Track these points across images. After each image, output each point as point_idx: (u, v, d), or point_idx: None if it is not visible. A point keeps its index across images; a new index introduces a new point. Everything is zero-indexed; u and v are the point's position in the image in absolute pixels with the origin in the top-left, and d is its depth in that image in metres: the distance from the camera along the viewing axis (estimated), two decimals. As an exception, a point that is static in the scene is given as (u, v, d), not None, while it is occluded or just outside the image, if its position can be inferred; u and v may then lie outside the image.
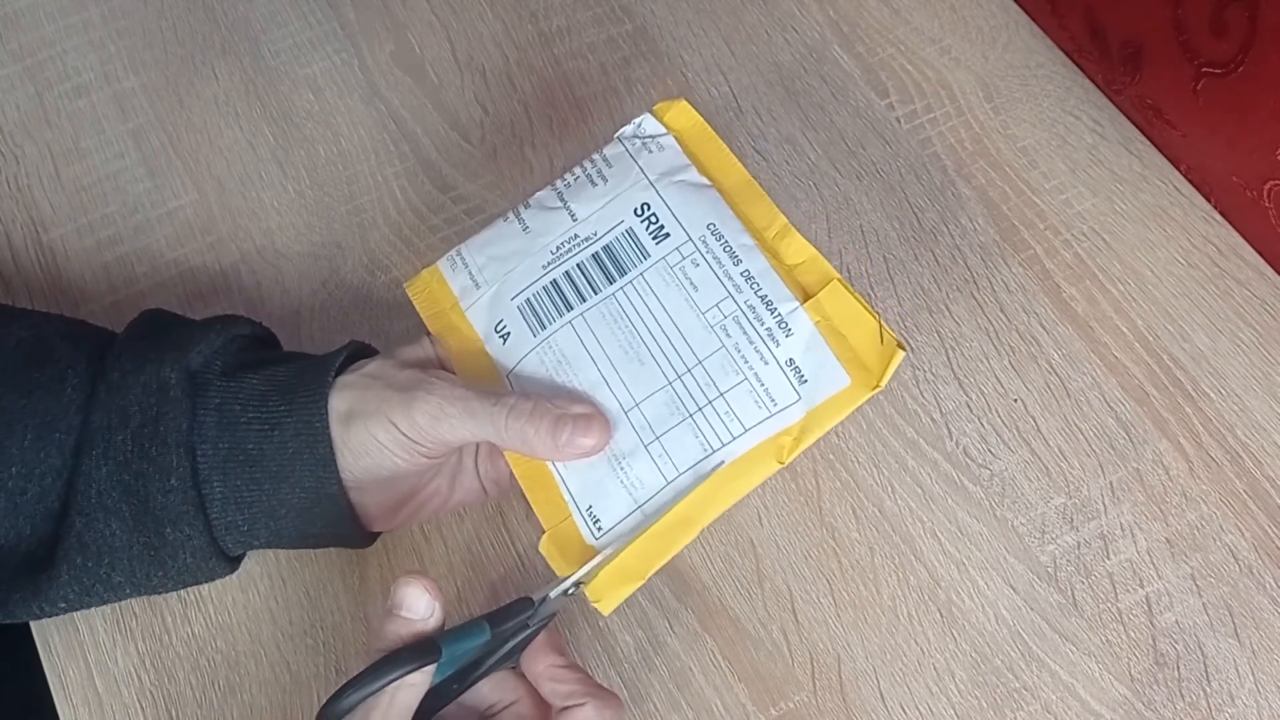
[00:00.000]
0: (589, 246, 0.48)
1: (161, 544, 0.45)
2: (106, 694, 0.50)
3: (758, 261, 0.46)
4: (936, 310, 0.57)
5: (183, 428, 0.45)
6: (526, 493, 0.45)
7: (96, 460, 0.45)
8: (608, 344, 0.46)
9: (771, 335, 0.44)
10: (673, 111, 0.50)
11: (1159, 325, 0.57)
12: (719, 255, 0.46)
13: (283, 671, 0.50)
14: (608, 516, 0.44)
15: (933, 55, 0.65)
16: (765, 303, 0.45)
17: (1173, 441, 0.54)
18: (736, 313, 0.45)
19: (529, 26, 0.67)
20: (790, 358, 0.44)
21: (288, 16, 0.68)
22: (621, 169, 0.49)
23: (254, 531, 0.46)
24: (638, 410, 0.45)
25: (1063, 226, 0.60)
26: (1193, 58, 0.55)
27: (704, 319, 0.45)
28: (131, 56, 0.67)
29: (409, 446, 0.44)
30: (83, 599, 0.46)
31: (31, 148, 0.64)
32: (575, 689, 0.42)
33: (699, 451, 0.44)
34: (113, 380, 0.46)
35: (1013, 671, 0.49)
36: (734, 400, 0.44)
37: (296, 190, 0.62)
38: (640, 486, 0.44)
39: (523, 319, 0.47)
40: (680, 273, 0.46)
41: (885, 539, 0.52)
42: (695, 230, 0.47)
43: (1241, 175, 0.57)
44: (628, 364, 0.45)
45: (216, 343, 0.47)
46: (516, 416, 0.43)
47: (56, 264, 0.60)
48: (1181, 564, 0.51)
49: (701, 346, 0.45)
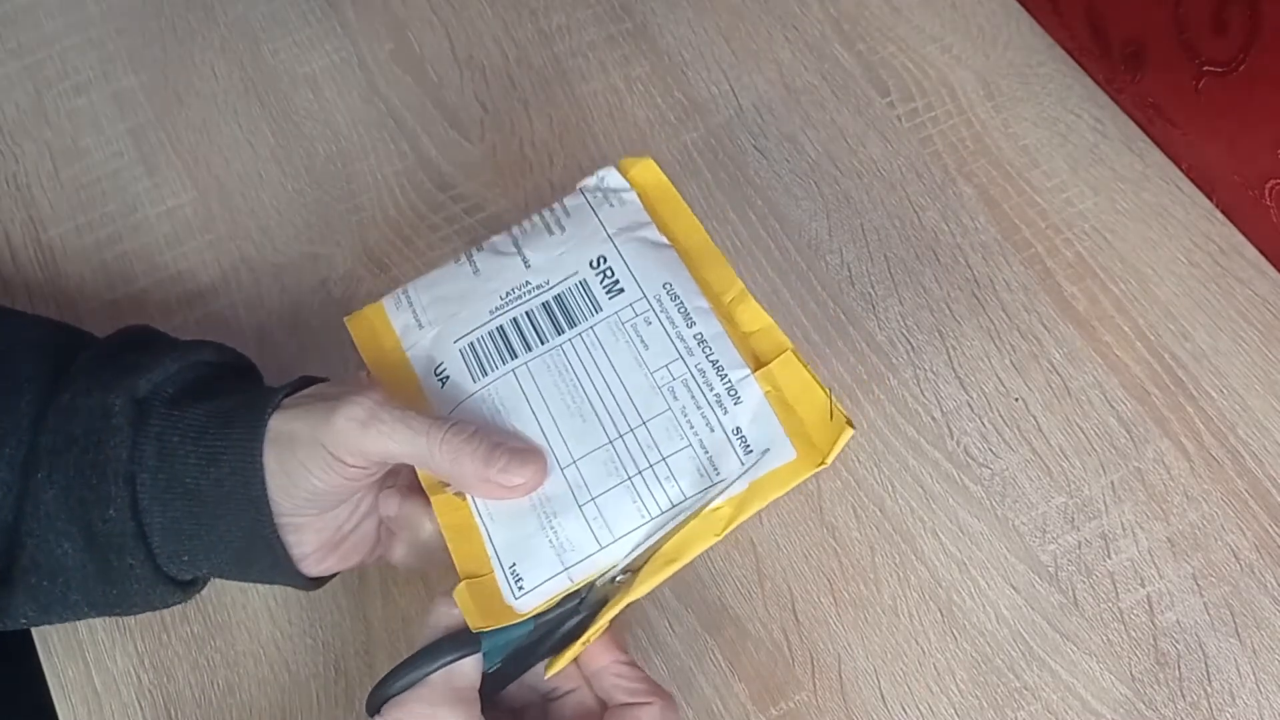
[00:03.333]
0: (540, 295, 0.46)
1: (109, 569, 0.44)
2: (105, 693, 0.50)
3: (712, 325, 0.44)
4: (937, 309, 0.57)
5: (123, 456, 0.43)
6: (449, 542, 0.43)
7: (43, 482, 0.44)
8: (550, 396, 0.44)
9: (720, 402, 0.43)
10: (638, 168, 0.49)
11: (1160, 324, 0.57)
12: (673, 315, 0.44)
13: (281, 671, 0.50)
14: (531, 577, 0.41)
15: (934, 53, 0.65)
16: (716, 368, 0.43)
17: (1174, 440, 0.54)
18: (686, 376, 0.43)
19: (529, 24, 0.67)
20: (737, 426, 0.42)
21: (287, 15, 0.68)
22: (580, 219, 0.48)
23: (196, 563, 0.45)
24: (575, 468, 0.43)
25: (1064, 225, 0.59)
26: (1194, 56, 0.55)
27: (652, 379, 0.43)
28: (131, 55, 0.67)
29: (329, 462, 0.42)
30: (43, 616, 0.46)
31: (30, 146, 0.64)
32: (639, 687, 0.42)
33: (635, 518, 0.42)
34: (62, 402, 0.45)
35: (1013, 671, 0.49)
36: (676, 466, 0.42)
37: (296, 189, 0.62)
38: (570, 549, 0.41)
39: (464, 363, 0.45)
40: (632, 330, 0.44)
41: (886, 538, 0.52)
42: (650, 288, 0.45)
43: (1243, 174, 0.57)
44: (569, 418, 0.43)
45: (171, 369, 0.46)
46: (455, 433, 0.41)
47: (55, 262, 0.60)
48: (1183, 563, 0.51)
49: (647, 407, 0.43)
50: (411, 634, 0.51)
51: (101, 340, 0.49)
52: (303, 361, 0.57)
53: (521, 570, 0.42)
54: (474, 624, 0.41)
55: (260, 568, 0.45)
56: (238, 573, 0.46)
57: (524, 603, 0.41)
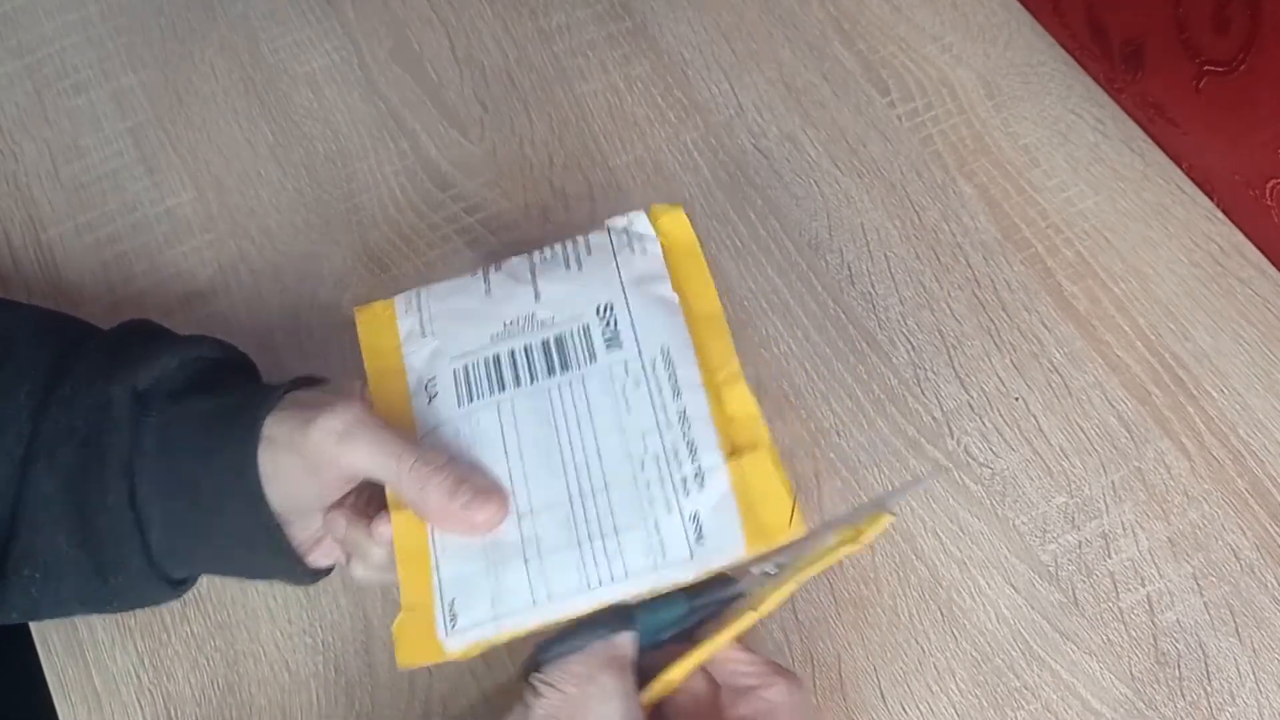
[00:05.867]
0: (542, 331, 0.46)
1: (104, 563, 0.44)
2: (105, 692, 0.50)
3: (697, 403, 0.44)
4: (938, 309, 0.57)
5: (123, 449, 0.44)
6: (399, 565, 0.43)
7: (43, 473, 0.44)
8: (526, 439, 0.44)
9: (685, 485, 0.42)
10: (668, 217, 0.49)
11: (1161, 324, 0.57)
12: (662, 384, 0.44)
13: (281, 670, 0.50)
14: (465, 617, 0.41)
15: (934, 53, 0.65)
16: (690, 448, 0.43)
17: (1174, 440, 0.54)
18: (659, 452, 0.43)
19: (528, 23, 0.67)
20: (695, 512, 0.42)
21: (287, 14, 0.68)
22: (599, 260, 0.48)
23: (194, 558, 0.46)
24: (531, 519, 0.42)
25: (1064, 225, 0.59)
26: (1195, 55, 0.55)
27: (627, 446, 0.43)
28: (130, 54, 0.66)
29: (306, 470, 0.43)
30: (32, 611, 0.46)
31: (30, 145, 0.64)
32: (763, 669, 0.43)
33: (576, 584, 0.42)
34: (64, 394, 0.45)
35: (1013, 671, 0.49)
36: (626, 541, 0.42)
37: (295, 188, 0.62)
38: (505, 599, 0.41)
39: (454, 384, 0.45)
40: (620, 389, 0.44)
41: (886, 538, 0.52)
42: (648, 350, 0.45)
43: (1243, 173, 0.57)
44: (538, 467, 0.43)
45: (171, 364, 0.46)
46: (425, 463, 0.41)
47: (55, 262, 0.60)
48: (1183, 563, 0.51)
49: (614, 474, 0.43)
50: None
51: (103, 332, 0.49)
52: (301, 361, 0.57)
53: (459, 607, 0.42)
54: (401, 662, 0.41)
55: (260, 557, 0.45)
56: (237, 564, 0.46)
57: (452, 642, 0.41)
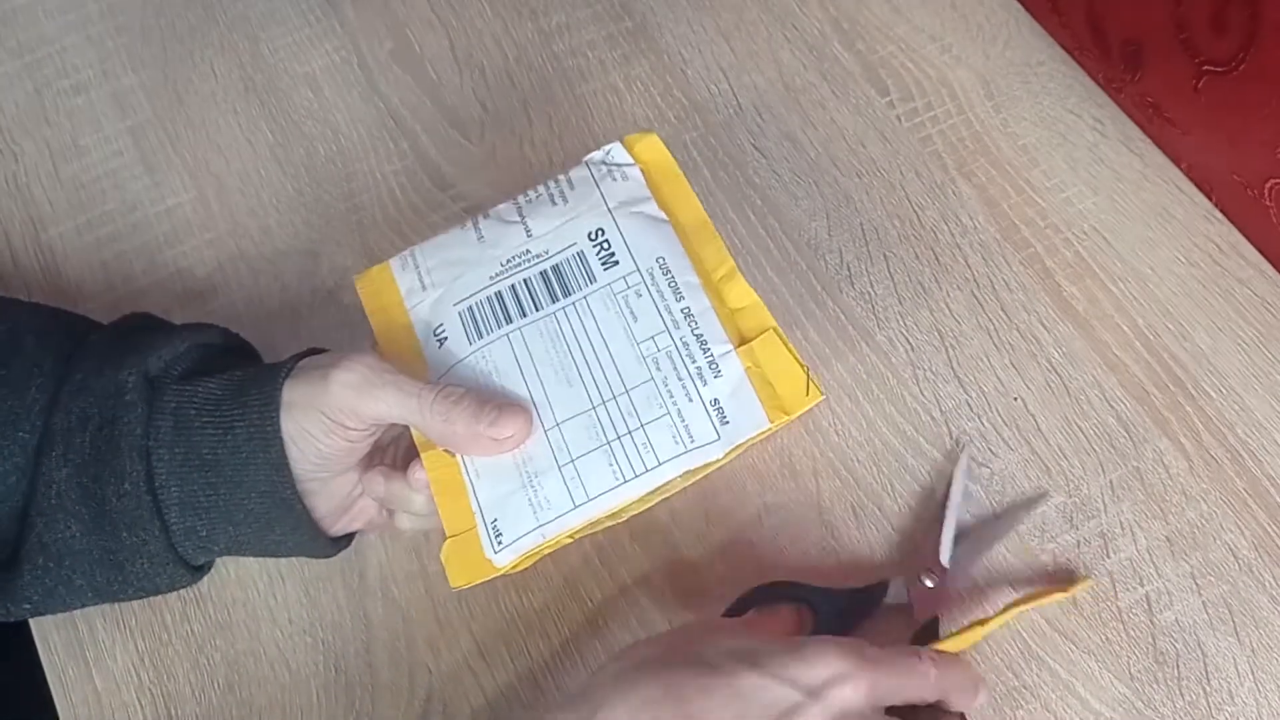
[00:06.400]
0: (539, 263, 0.48)
1: (119, 548, 0.45)
2: (106, 692, 0.50)
3: (700, 301, 0.46)
4: (936, 308, 0.57)
5: (138, 432, 0.44)
6: (437, 498, 0.45)
7: (57, 461, 0.44)
8: (540, 362, 0.46)
9: (700, 374, 0.45)
10: (642, 144, 0.51)
11: (1159, 324, 0.57)
12: (663, 289, 0.47)
13: (282, 670, 0.50)
14: (510, 532, 0.44)
15: (933, 53, 0.65)
16: (700, 341, 0.45)
17: (1173, 440, 0.54)
18: (671, 348, 0.45)
19: (528, 24, 0.67)
20: (715, 398, 0.45)
21: (287, 14, 0.68)
22: (583, 192, 0.50)
23: (213, 537, 0.46)
24: (558, 430, 0.45)
25: (1063, 225, 0.59)
26: (1194, 55, 0.55)
27: (638, 349, 0.46)
28: (130, 53, 0.67)
29: (330, 427, 0.44)
30: (46, 601, 0.46)
31: (30, 145, 0.64)
32: None
33: (610, 480, 0.44)
34: (75, 382, 0.46)
35: (1012, 670, 0.49)
36: (653, 433, 0.44)
37: (295, 188, 0.62)
38: (546, 507, 0.44)
39: (461, 326, 0.47)
40: (623, 301, 0.47)
41: (885, 538, 0.52)
42: (644, 262, 0.47)
43: (1242, 173, 0.57)
44: (556, 384, 0.46)
45: (179, 348, 0.47)
46: (445, 395, 0.44)
47: (55, 262, 0.60)
48: (1181, 562, 0.51)
49: (631, 376, 0.45)
50: (411, 632, 0.51)
51: (106, 325, 0.50)
52: (302, 361, 0.57)
53: (502, 525, 0.44)
54: (454, 583, 0.43)
55: (281, 531, 0.46)
56: (256, 541, 0.47)
57: (501, 557, 0.43)
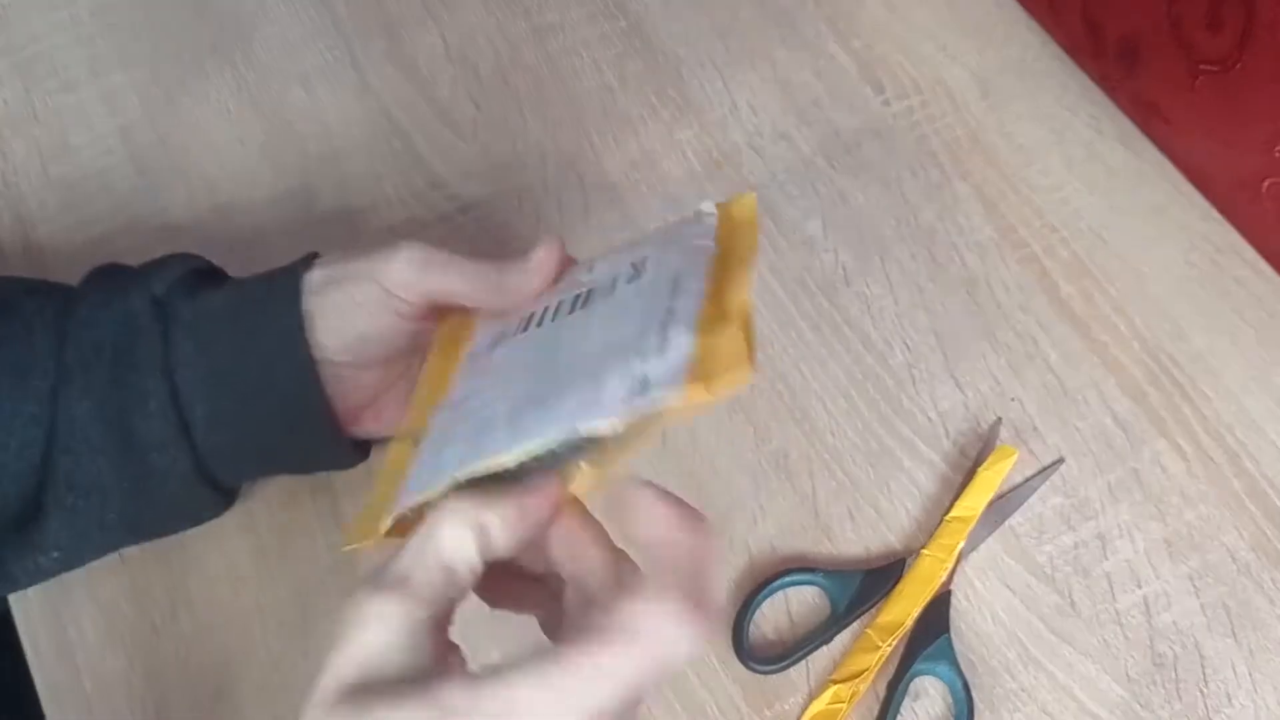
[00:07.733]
0: (576, 290, 0.43)
1: (148, 474, 0.45)
2: (95, 696, 0.50)
3: (688, 307, 0.38)
4: (933, 309, 0.57)
5: (157, 353, 0.45)
6: (378, 482, 0.41)
7: (76, 397, 0.44)
8: (528, 364, 0.41)
9: (643, 354, 0.36)
10: (739, 203, 0.44)
11: (1157, 324, 0.56)
12: (660, 291, 0.39)
13: (271, 672, 0.50)
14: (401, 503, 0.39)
15: (929, 51, 0.65)
16: (661, 329, 0.37)
17: (1171, 441, 0.54)
18: (633, 333, 0.38)
19: (522, 22, 0.67)
20: (645, 375, 0.36)
21: (279, 12, 0.67)
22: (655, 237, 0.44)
23: (240, 453, 0.46)
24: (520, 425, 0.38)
25: (1060, 224, 0.59)
26: (1190, 54, 0.55)
27: (604, 333, 0.39)
28: (120, 52, 0.66)
29: (385, 303, 0.44)
30: (76, 546, 0.46)
31: (19, 144, 0.63)
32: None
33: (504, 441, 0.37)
34: (81, 315, 0.46)
35: (1009, 672, 0.49)
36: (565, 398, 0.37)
37: (287, 188, 0.62)
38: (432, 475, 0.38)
39: (487, 342, 0.44)
40: (620, 296, 0.40)
41: (881, 539, 0.52)
42: (662, 274, 0.40)
43: (1239, 172, 0.56)
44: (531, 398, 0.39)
45: (178, 271, 0.48)
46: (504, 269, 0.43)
47: (45, 262, 0.60)
48: (1179, 564, 0.51)
49: (580, 351, 0.39)
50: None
51: (84, 277, 0.50)
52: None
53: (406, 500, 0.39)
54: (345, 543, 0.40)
55: (305, 437, 0.47)
56: (282, 454, 0.47)
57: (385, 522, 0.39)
